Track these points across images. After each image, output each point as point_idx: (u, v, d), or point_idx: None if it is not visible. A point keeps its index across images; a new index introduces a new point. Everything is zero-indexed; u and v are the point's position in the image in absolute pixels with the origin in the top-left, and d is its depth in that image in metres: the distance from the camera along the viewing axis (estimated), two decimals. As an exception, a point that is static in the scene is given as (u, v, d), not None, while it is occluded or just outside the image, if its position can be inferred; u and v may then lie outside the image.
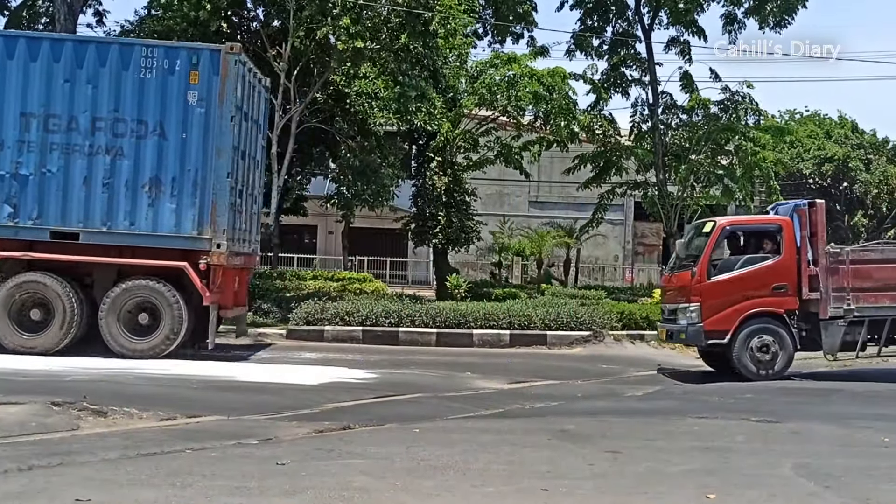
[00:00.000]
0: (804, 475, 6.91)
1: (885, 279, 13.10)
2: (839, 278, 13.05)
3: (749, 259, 13.63)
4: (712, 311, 13.14)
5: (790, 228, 13.40)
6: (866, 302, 13.08)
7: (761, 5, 23.62)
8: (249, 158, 14.51)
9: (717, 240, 13.61)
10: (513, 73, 21.66)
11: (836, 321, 13.05)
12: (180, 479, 6.33)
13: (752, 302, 13.17)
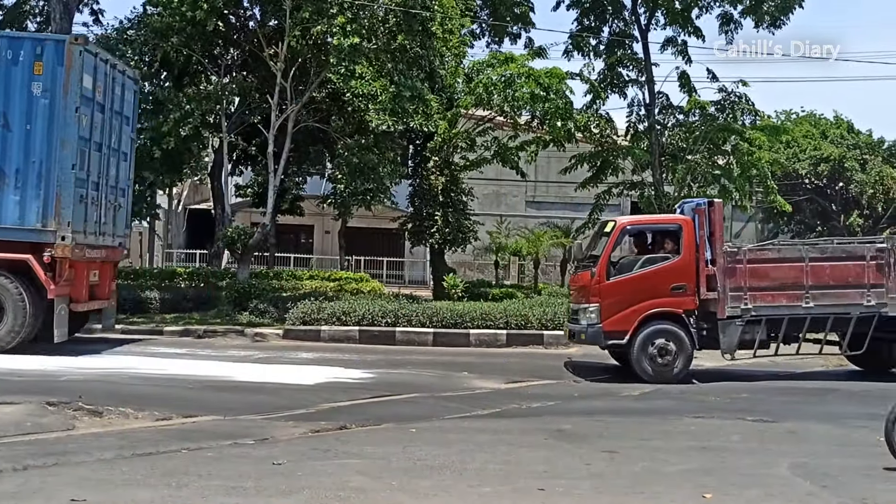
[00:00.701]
0: (801, 475, 6.91)
1: (781, 278, 13.00)
2: (737, 278, 12.95)
3: (649, 259, 13.59)
4: (611, 311, 13.04)
5: (690, 228, 13.30)
6: (763, 301, 12.97)
7: (758, 5, 23.63)
8: (110, 150, 14.51)
9: (616, 239, 13.54)
10: (510, 73, 21.64)
11: (734, 320, 12.94)
12: (176, 479, 6.32)
13: (651, 302, 13.06)
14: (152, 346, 15.23)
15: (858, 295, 12.99)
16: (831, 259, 13.17)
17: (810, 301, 12.91)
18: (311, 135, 22.73)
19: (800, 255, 13.13)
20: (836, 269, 13.05)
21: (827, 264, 13.06)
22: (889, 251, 13.02)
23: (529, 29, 26.78)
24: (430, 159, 23.12)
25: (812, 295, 12.91)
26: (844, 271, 13.04)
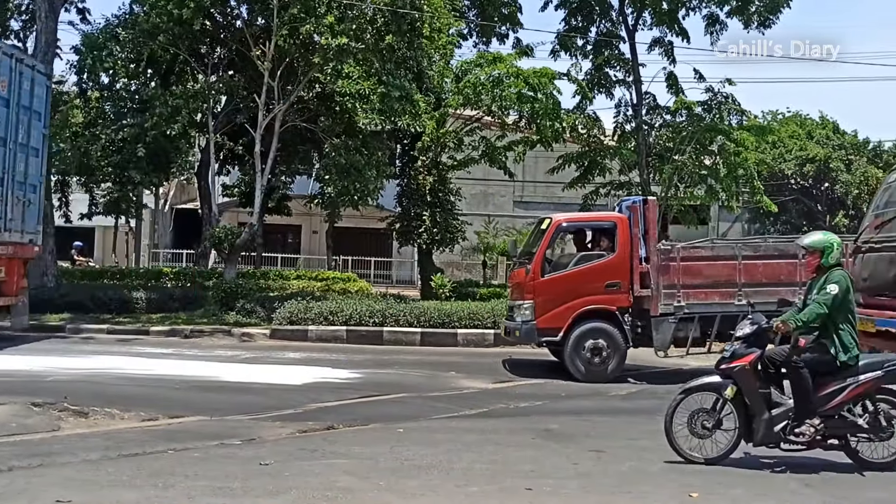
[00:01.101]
0: (786, 475, 6.94)
1: (714, 276, 13.00)
2: (670, 275, 12.94)
3: (584, 256, 13.64)
4: (545, 308, 13.06)
5: (624, 225, 13.31)
6: (696, 299, 12.96)
7: (745, 5, 23.73)
8: (16, 146, 14.41)
9: (551, 237, 13.58)
10: (498, 73, 21.66)
11: (668, 318, 12.94)
12: (162, 479, 6.30)
13: (586, 300, 13.08)
14: (138, 346, 15.16)
15: (790, 293, 12.79)
16: (764, 257, 13.15)
17: (743, 299, 12.75)
18: (298, 134, 22.68)
19: (733, 254, 13.13)
20: (769, 267, 13.03)
21: (760, 262, 13.04)
22: None
23: (517, 29, 26.82)
24: (418, 159, 23.13)
25: (745, 293, 12.80)
26: (777, 269, 13.01)
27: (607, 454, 7.57)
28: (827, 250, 7.42)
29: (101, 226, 33.36)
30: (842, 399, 7.07)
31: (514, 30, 26.80)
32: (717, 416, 7.22)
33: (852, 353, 7.11)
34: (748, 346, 7.22)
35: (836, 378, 7.12)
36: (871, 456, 7.18)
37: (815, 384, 7.11)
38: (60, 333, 16.84)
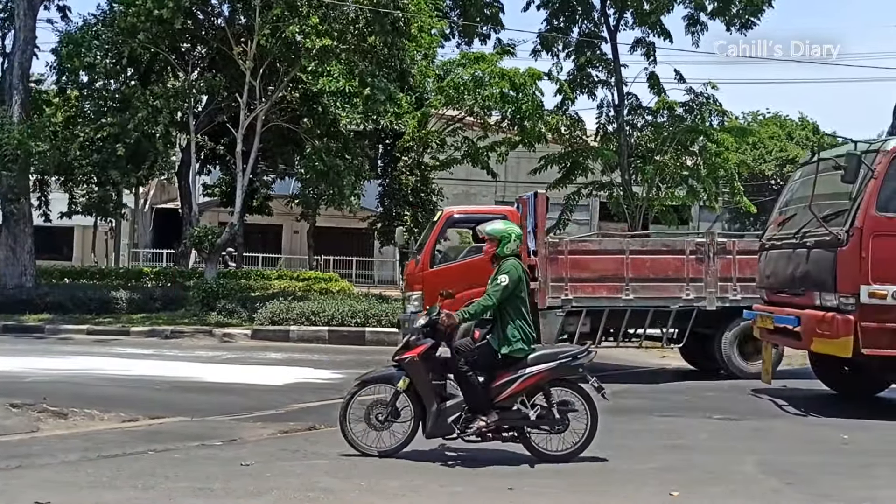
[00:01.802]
0: (766, 472, 6.98)
1: (602, 270, 13.00)
2: (558, 269, 12.95)
3: (474, 248, 13.70)
4: (434, 299, 13.07)
5: (514, 218, 13.25)
6: (584, 293, 12.97)
7: (726, 6, 23.84)
8: None
9: (441, 228, 13.65)
10: (481, 74, 21.67)
11: (555, 311, 12.94)
12: (142, 480, 6.26)
13: (475, 291, 13.09)
14: (119, 347, 15.08)
15: (678, 289, 13.00)
16: (652, 252, 13.22)
17: (630, 294, 12.90)
18: (280, 134, 22.61)
19: (620, 248, 13.17)
20: (656, 262, 13.07)
21: (647, 257, 13.07)
22: (708, 245, 13.07)
23: (499, 29, 26.83)
24: (400, 159, 23.13)
25: (632, 287, 12.90)
26: (664, 265, 13.07)
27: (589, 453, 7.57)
28: (504, 240, 7.44)
29: (81, 225, 33.12)
30: (512, 391, 7.05)
31: (496, 30, 26.82)
32: (393, 408, 7.19)
33: (515, 346, 7.07)
34: (425, 336, 7.19)
35: (509, 370, 7.10)
36: (549, 448, 7.20)
37: (493, 376, 7.11)
38: (39, 334, 16.72)
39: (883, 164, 9.43)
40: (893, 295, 9.23)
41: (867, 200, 9.34)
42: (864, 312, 9.27)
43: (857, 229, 9.30)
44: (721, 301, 13.01)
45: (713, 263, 13.00)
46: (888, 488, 6.62)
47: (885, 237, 9.31)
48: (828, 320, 9.49)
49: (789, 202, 11.17)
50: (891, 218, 9.33)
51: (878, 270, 9.28)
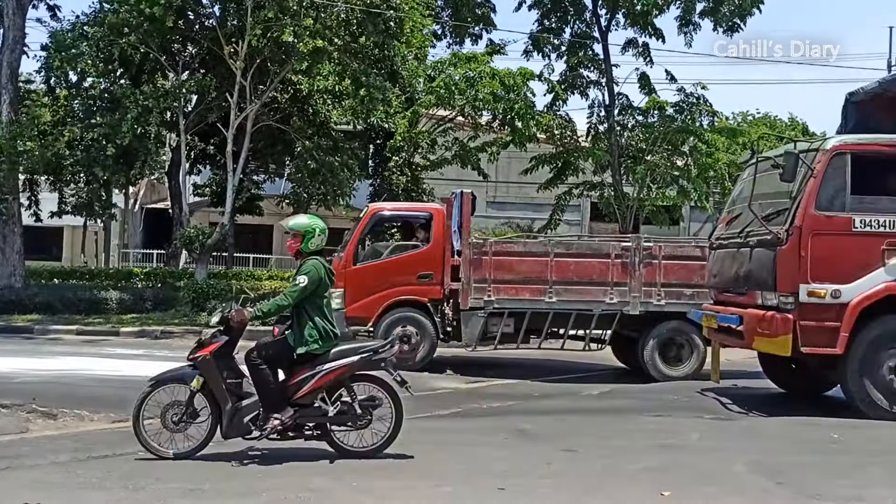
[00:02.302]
0: (757, 472, 6.99)
1: (526, 272, 13.01)
2: (481, 270, 12.96)
3: (399, 246, 13.84)
4: (356, 297, 13.15)
5: (441, 217, 13.40)
6: (507, 294, 13.00)
7: (716, 8, 23.91)
8: None
9: (366, 225, 13.69)
10: (473, 74, 21.66)
11: (477, 312, 12.99)
12: (133, 481, 6.24)
13: (398, 290, 13.20)
14: (108, 348, 15.03)
15: (602, 292, 13.03)
16: (576, 255, 13.20)
17: (553, 296, 12.91)
18: (271, 134, 22.57)
19: (545, 250, 13.14)
20: (580, 265, 13.08)
21: (572, 260, 13.07)
22: (634, 250, 13.09)
23: (491, 30, 26.86)
24: (391, 159, 23.11)
25: (556, 290, 12.93)
26: (589, 268, 13.08)
27: (580, 453, 7.58)
28: (308, 235, 7.17)
29: (70, 225, 32.98)
30: (310, 388, 6.97)
31: (487, 30, 26.85)
32: (191, 409, 7.01)
33: (310, 346, 6.97)
34: (221, 334, 7.07)
35: (306, 366, 7.00)
36: (353, 444, 7.16)
37: (292, 373, 7.02)
38: (28, 334, 16.64)
39: (822, 162, 9.49)
40: (832, 294, 9.30)
41: (806, 199, 9.41)
42: (803, 311, 9.34)
43: (796, 228, 9.36)
44: (644, 306, 13.05)
45: (638, 268, 13.01)
46: (877, 487, 6.64)
47: (824, 236, 9.38)
48: (768, 319, 9.55)
49: (735, 201, 11.23)
50: (830, 217, 9.40)
51: (817, 269, 9.35)
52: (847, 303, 9.29)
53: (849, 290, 9.33)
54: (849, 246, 9.42)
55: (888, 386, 9.40)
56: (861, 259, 9.39)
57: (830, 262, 9.37)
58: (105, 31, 19.76)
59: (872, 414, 9.34)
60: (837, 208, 9.45)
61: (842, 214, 9.42)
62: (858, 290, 9.32)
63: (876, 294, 9.28)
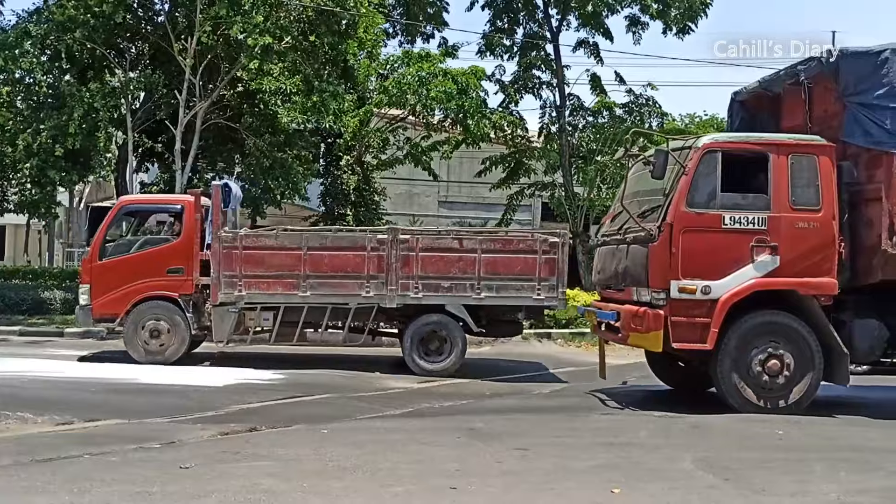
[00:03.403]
0: (704, 468, 7.10)
1: (278, 266, 12.88)
2: (231, 264, 12.77)
3: (148, 240, 13.71)
4: (102, 292, 13.09)
5: (191, 209, 13.26)
6: (259, 289, 12.92)
7: (665, 10, 24.19)
8: None
9: (113, 219, 13.66)
10: (425, 73, 21.65)
11: (228, 307, 12.93)
12: (78, 485, 6.12)
13: (147, 284, 13.09)
14: (52, 349, 14.74)
15: (357, 286, 12.87)
16: (331, 248, 12.97)
17: (307, 290, 12.79)
18: (221, 133, 22.31)
19: (298, 244, 12.98)
20: (335, 258, 12.86)
21: (326, 253, 12.87)
22: (390, 243, 12.93)
23: (443, 29, 26.87)
24: (342, 158, 23.00)
25: (310, 284, 12.77)
26: (344, 261, 12.88)
27: (531, 452, 7.63)
28: None
29: (13, 224, 32.27)
30: None
31: (439, 29, 26.85)
32: None
33: None
34: None
35: None
36: None
37: None
38: None
39: (694, 160, 9.72)
40: (703, 290, 9.53)
41: (678, 197, 9.63)
42: (675, 307, 9.56)
43: (667, 225, 9.57)
44: (402, 299, 12.92)
45: (395, 261, 12.89)
46: (821, 482, 6.79)
47: (694, 233, 9.61)
48: (640, 315, 9.73)
49: (619, 199, 11.42)
50: (700, 214, 9.62)
51: (688, 266, 9.56)
52: (717, 299, 9.51)
53: (719, 286, 9.54)
54: (719, 243, 9.65)
55: (757, 381, 9.64)
56: (731, 256, 9.61)
57: (701, 259, 9.58)
58: (50, 27, 19.33)
59: (742, 408, 9.59)
60: (708, 205, 9.66)
61: (712, 211, 9.64)
62: (728, 286, 9.55)
63: (745, 290, 9.52)
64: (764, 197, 9.76)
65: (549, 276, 12.84)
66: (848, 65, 10.04)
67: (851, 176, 10.08)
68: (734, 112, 12.27)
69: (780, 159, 9.80)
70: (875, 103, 9.89)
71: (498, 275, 12.86)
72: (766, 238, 9.65)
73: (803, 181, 9.80)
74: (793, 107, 11.01)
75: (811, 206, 9.76)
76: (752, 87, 11.88)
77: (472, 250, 12.87)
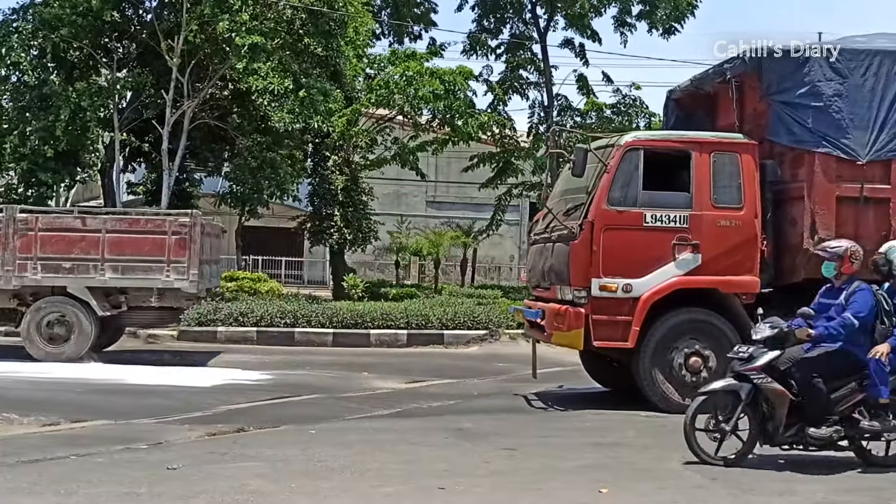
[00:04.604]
0: (692, 468, 7.11)
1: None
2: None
3: None
4: None
5: None
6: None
7: (652, 11, 24.28)
8: None
9: None
10: (412, 73, 21.62)
11: None
12: (64, 486, 6.09)
13: None
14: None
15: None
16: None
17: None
18: (210, 132, 22.23)
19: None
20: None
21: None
22: (7, 221, 12.66)
23: (430, 29, 26.89)
24: (330, 158, 22.96)
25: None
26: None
27: (519, 452, 7.63)
28: None
29: None
30: None
31: (427, 30, 26.88)
32: None
33: None
34: None
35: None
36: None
37: None
38: None
39: (616, 158, 9.74)
40: (623, 288, 9.56)
41: (599, 194, 9.66)
42: (596, 305, 9.58)
43: (588, 223, 9.60)
44: (20, 280, 12.66)
45: (12, 240, 12.57)
46: (809, 482, 6.82)
47: (615, 231, 9.64)
48: (562, 313, 9.75)
49: (548, 199, 11.46)
50: (622, 212, 9.66)
51: (609, 264, 9.59)
52: (638, 297, 9.51)
53: (640, 284, 9.57)
54: (640, 241, 9.68)
55: (679, 378, 9.66)
56: (652, 254, 9.64)
57: (622, 257, 9.60)
58: (36, 25, 19.21)
59: (664, 406, 9.56)
60: (629, 203, 9.69)
61: (633, 209, 9.67)
62: (649, 284, 9.57)
63: (666, 288, 9.53)
64: (686, 195, 9.77)
65: (180, 258, 12.69)
66: (770, 64, 10.08)
67: (775, 174, 10.13)
68: (669, 111, 12.29)
69: (703, 157, 9.81)
70: (798, 102, 9.92)
71: (124, 255, 12.67)
72: (688, 236, 9.66)
73: (725, 179, 9.83)
74: (726, 105, 10.97)
75: (733, 205, 9.79)
76: (685, 86, 11.89)
77: (97, 230, 12.69)
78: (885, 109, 9.89)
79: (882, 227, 9.76)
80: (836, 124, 9.83)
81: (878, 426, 7.14)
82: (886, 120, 9.89)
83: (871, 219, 9.82)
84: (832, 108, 9.85)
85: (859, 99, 9.92)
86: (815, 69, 9.91)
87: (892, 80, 9.96)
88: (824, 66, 9.92)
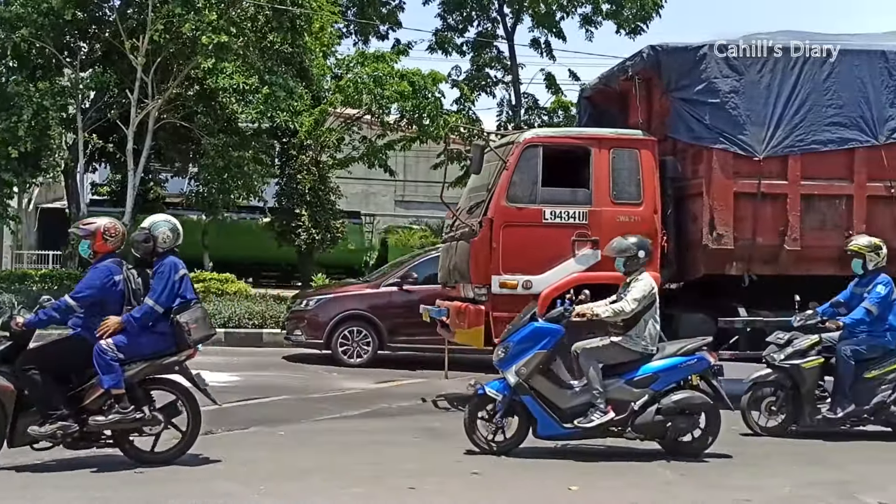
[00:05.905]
0: (662, 465, 7.18)
1: None
2: None
3: None
4: None
5: None
6: None
7: (618, 10, 24.45)
8: None
9: None
10: (379, 73, 21.57)
11: None
12: (32, 491, 6.02)
13: None
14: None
15: None
16: None
17: None
18: (176, 133, 22.01)
19: None
20: None
21: None
22: None
23: (396, 28, 26.85)
24: (297, 157, 22.84)
25: None
26: None
27: (490, 451, 7.64)
28: None
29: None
30: None
31: (393, 29, 26.84)
32: None
33: None
34: None
35: None
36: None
37: None
38: None
39: (515, 155, 9.82)
40: (523, 285, 9.62)
41: (498, 191, 9.73)
42: (496, 303, 9.64)
43: (487, 220, 9.68)
44: None
45: None
46: (776, 477, 6.91)
47: (515, 227, 9.72)
48: (463, 311, 9.81)
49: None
50: (521, 209, 9.73)
51: (509, 261, 9.65)
52: (538, 294, 9.51)
53: (540, 280, 9.63)
54: (539, 237, 9.74)
55: None
56: (552, 250, 9.71)
57: (522, 254, 9.66)
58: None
59: None
60: (528, 200, 9.76)
61: (532, 206, 9.74)
62: (549, 280, 9.63)
63: (566, 284, 9.46)
64: (585, 191, 9.86)
65: None
66: (668, 60, 10.18)
67: (676, 171, 10.23)
68: (582, 108, 12.36)
69: (602, 154, 9.89)
70: (695, 98, 10.03)
71: None
72: (587, 232, 9.75)
73: (625, 175, 9.91)
74: (634, 102, 11.02)
75: (632, 201, 9.89)
76: (594, 84, 11.97)
77: None
78: (781, 106, 10.00)
79: (779, 222, 9.90)
80: (733, 121, 9.95)
81: None
82: (783, 116, 10.00)
83: (768, 214, 9.94)
84: (729, 104, 9.96)
85: (756, 95, 10.03)
86: (711, 66, 9.99)
87: (788, 77, 10.05)
88: (721, 63, 10.03)
